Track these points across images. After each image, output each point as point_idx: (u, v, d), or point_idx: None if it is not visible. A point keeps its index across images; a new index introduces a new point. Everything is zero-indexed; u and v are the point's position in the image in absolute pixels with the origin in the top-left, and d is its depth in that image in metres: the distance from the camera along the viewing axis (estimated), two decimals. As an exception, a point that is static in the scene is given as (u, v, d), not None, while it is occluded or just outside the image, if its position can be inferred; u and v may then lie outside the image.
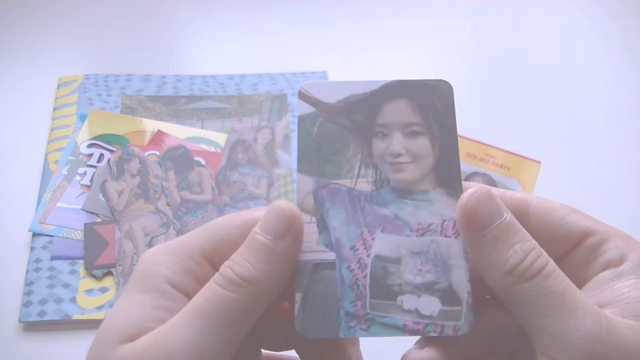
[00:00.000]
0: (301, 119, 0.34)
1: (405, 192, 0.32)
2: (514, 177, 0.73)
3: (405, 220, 0.32)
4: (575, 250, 0.32)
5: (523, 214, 0.31)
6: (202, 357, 0.28)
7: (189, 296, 0.30)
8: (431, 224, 0.32)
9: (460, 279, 0.31)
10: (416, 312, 0.31)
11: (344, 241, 0.32)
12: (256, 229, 0.30)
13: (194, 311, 0.29)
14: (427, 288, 0.31)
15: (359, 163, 0.33)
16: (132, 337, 0.29)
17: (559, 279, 0.28)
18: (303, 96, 0.34)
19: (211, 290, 0.29)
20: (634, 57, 0.85)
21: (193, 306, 0.29)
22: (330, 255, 0.32)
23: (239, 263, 0.29)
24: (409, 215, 0.32)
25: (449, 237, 0.31)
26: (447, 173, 0.32)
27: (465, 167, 0.73)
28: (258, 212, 0.31)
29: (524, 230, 0.30)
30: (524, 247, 0.29)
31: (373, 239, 0.32)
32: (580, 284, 0.30)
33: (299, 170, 0.33)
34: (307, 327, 0.31)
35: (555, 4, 0.90)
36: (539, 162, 0.74)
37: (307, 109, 0.34)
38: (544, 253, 0.29)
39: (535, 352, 0.29)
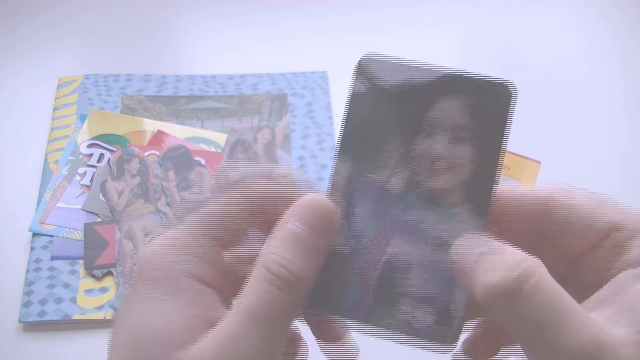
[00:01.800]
0: (353, 99, 0.32)
1: (433, 201, 0.31)
2: (514, 177, 0.73)
3: (424, 231, 0.31)
4: (599, 246, 0.30)
5: (548, 215, 0.31)
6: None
7: (212, 286, 0.29)
8: (446, 242, 0.31)
9: (459, 303, 0.30)
10: (408, 323, 0.30)
11: (362, 237, 0.31)
12: (297, 223, 0.29)
13: (258, 318, 0.28)
14: (424, 303, 0.31)
15: (397, 159, 0.31)
16: (185, 343, 0.28)
17: (547, 296, 0.27)
18: (362, 71, 0.32)
19: (267, 291, 0.28)
20: (634, 57, 0.85)
21: (253, 311, 0.28)
22: (346, 247, 0.31)
23: (291, 261, 0.28)
24: (429, 227, 0.31)
25: None
26: (479, 191, 0.31)
27: (465, 167, 0.73)
28: (256, 190, 0.31)
29: (511, 250, 0.28)
30: (506, 269, 0.27)
31: (389, 243, 0.31)
32: (602, 282, 0.29)
33: (340, 153, 0.32)
34: (315, 298, 0.31)
35: (556, 4, 0.90)
36: (539, 162, 0.74)
37: (360, 87, 0.32)
38: (533, 268, 0.27)
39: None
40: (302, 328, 0.34)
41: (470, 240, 0.29)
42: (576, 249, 0.30)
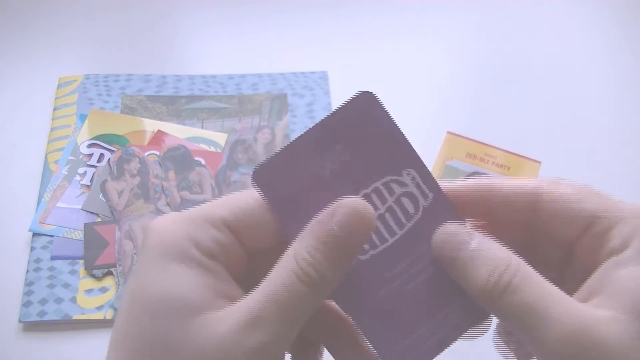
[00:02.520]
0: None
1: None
2: (514, 177, 0.73)
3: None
4: (583, 236, 0.31)
5: (533, 208, 0.32)
6: (281, 354, 0.29)
7: (221, 263, 0.30)
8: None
9: None
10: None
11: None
12: (335, 225, 0.29)
13: (281, 305, 0.28)
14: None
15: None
16: (200, 309, 0.28)
17: (528, 290, 0.29)
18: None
19: (294, 283, 0.28)
20: (634, 57, 0.85)
21: (277, 297, 0.28)
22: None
23: (322, 264, 0.29)
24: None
25: None
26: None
27: (466, 167, 0.73)
28: None
29: (492, 248, 0.30)
30: (488, 268, 0.29)
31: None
32: (589, 272, 0.30)
33: None
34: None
35: (556, 3, 0.90)
36: (539, 162, 0.74)
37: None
38: (513, 264, 0.29)
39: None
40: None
41: (454, 235, 0.31)
42: (564, 239, 0.32)
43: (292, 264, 0.29)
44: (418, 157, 0.32)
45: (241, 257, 0.31)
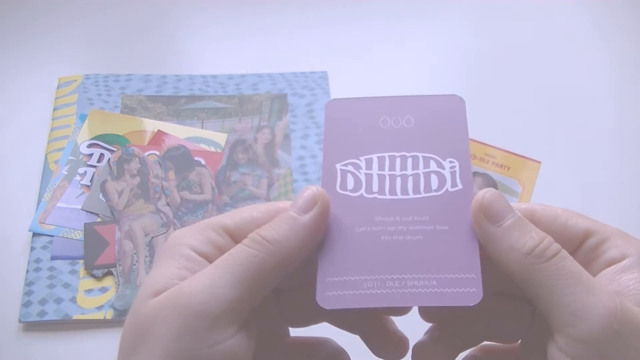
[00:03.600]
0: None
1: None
2: (514, 177, 0.73)
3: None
4: (578, 250, 0.34)
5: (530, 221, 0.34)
6: (217, 300, 0.30)
7: (211, 261, 0.33)
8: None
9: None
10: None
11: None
12: (287, 206, 0.34)
13: (217, 264, 0.32)
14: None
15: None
16: (160, 292, 0.32)
17: (575, 262, 0.31)
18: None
19: (235, 248, 0.32)
20: (634, 57, 0.85)
21: (217, 261, 0.32)
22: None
23: (264, 228, 0.33)
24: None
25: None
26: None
27: (465, 167, 0.73)
28: (283, 203, 0.34)
29: (534, 226, 0.32)
30: (539, 234, 0.32)
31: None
32: None
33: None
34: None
35: (556, 4, 0.90)
36: (539, 162, 0.74)
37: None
38: (556, 243, 0.32)
39: (553, 334, 0.31)
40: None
41: (497, 196, 0.33)
42: None
43: (245, 241, 0.33)
44: (467, 156, 0.35)
45: None
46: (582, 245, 0.34)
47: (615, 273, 0.32)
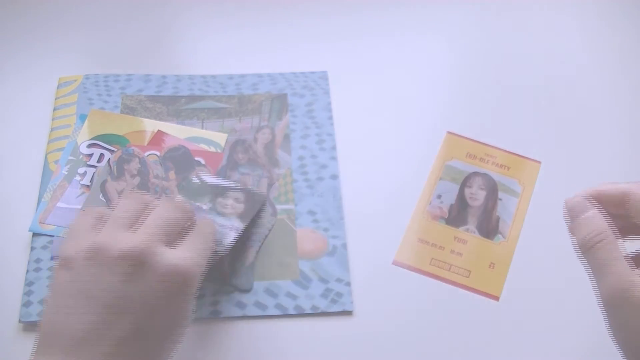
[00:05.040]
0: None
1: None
2: (514, 177, 0.73)
3: None
4: None
5: (625, 204, 0.47)
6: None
7: None
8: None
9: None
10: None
11: None
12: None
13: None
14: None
15: None
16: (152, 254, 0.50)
17: (604, 254, 0.44)
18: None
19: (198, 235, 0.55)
20: (634, 57, 0.85)
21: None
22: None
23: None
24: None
25: None
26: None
27: (465, 167, 0.73)
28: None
29: (599, 221, 0.46)
30: (589, 230, 0.45)
31: None
32: None
33: None
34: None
35: (555, 4, 0.90)
36: (539, 162, 0.74)
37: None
38: (604, 235, 0.45)
39: None
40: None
41: (580, 202, 0.48)
42: None
43: None
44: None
45: None
46: None
47: None
